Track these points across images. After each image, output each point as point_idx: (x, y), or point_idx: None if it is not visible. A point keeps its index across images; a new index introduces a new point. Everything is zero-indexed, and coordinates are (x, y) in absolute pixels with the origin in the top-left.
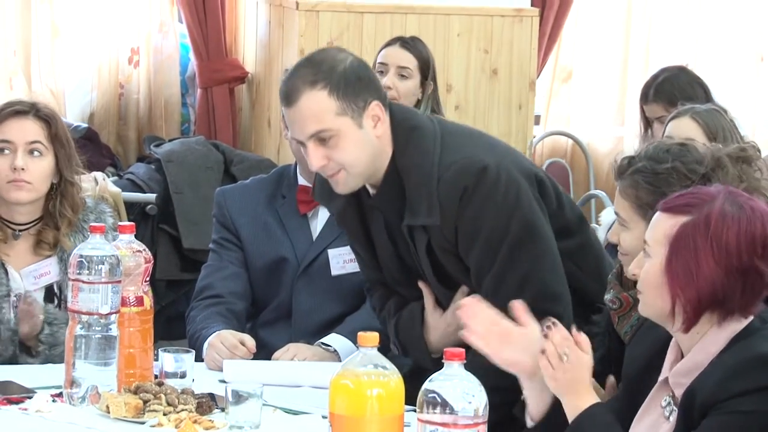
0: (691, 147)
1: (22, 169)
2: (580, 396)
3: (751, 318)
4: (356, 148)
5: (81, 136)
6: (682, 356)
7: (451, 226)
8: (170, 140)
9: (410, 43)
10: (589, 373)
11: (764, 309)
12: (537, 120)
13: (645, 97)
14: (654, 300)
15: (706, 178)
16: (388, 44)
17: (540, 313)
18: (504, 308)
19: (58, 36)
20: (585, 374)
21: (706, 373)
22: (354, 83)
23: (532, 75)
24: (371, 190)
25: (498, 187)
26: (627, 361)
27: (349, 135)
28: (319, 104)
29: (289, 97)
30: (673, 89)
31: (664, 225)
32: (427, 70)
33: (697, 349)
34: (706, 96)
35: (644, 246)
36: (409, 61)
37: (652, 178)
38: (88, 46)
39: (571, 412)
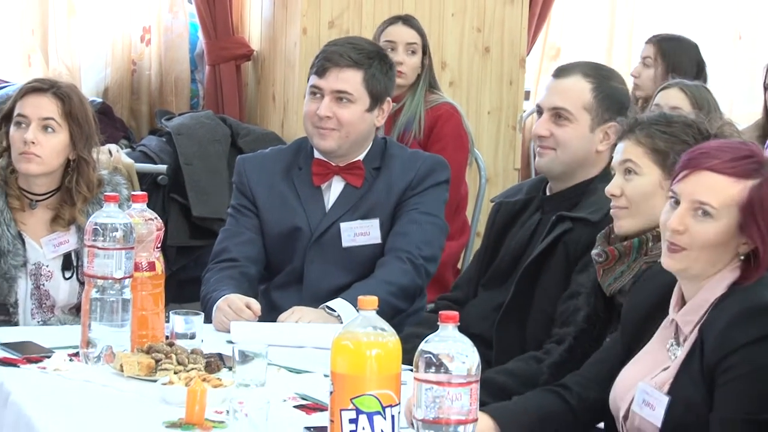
0: (696, 113)
1: (32, 142)
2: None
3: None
4: (576, 140)
5: (96, 110)
6: (684, 301)
7: (588, 241)
8: (180, 114)
9: (411, 21)
10: None
11: None
12: (527, 95)
13: None
14: (710, 257)
15: (716, 137)
16: (391, 23)
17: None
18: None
19: (74, 15)
20: None
21: (710, 319)
22: (613, 100)
23: (522, 53)
24: (549, 192)
25: None
26: (627, 308)
27: (578, 127)
28: (578, 88)
29: (563, 71)
30: None
31: (731, 190)
32: (426, 46)
33: (705, 289)
34: None
35: (699, 207)
36: (414, 37)
37: (667, 129)
38: (103, 25)
39: None
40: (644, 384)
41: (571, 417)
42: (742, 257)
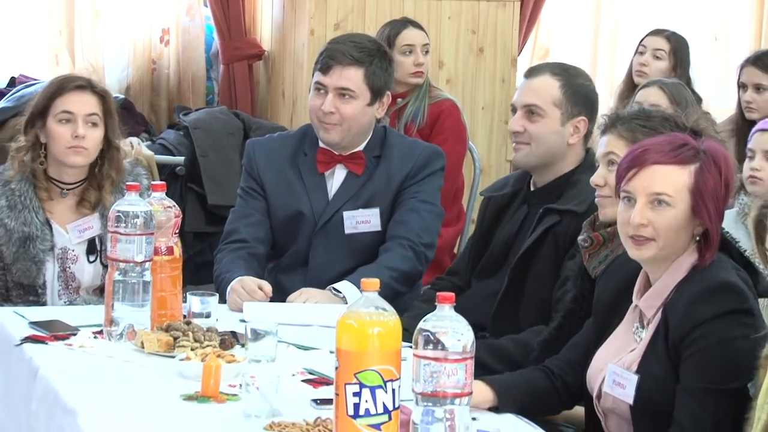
0: (674, 108)
1: (83, 137)
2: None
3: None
4: (548, 134)
5: (119, 105)
6: (649, 285)
7: (576, 232)
8: (197, 110)
9: (417, 24)
10: None
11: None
12: None
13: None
14: (675, 241)
15: (692, 129)
16: (403, 26)
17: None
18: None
19: (98, 18)
20: None
21: (674, 299)
22: (580, 96)
23: (513, 53)
24: (533, 187)
25: None
26: (597, 294)
27: (550, 122)
28: (547, 86)
29: (533, 71)
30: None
31: (680, 176)
32: None
33: (667, 274)
34: None
35: (656, 198)
36: (426, 38)
37: (646, 123)
38: (125, 27)
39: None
40: (613, 365)
41: (556, 396)
42: (698, 238)
